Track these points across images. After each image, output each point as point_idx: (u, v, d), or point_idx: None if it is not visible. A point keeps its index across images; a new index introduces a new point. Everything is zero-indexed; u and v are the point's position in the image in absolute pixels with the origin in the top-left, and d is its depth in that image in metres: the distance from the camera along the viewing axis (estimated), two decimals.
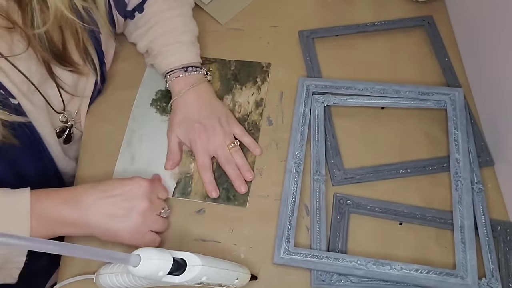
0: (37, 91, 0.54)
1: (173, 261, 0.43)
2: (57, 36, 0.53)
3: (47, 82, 0.56)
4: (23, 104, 0.52)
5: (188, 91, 0.64)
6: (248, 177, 0.62)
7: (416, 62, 0.71)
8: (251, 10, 0.77)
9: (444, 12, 0.76)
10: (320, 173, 0.61)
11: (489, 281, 0.55)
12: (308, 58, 0.71)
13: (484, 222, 0.58)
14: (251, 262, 0.57)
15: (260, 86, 0.69)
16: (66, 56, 0.55)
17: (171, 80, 0.65)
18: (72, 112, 0.64)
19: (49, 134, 0.59)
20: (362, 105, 0.66)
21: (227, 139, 0.63)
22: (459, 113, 0.64)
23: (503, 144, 0.61)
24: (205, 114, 0.63)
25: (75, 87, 0.61)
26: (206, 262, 0.46)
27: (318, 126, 0.64)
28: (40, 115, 0.56)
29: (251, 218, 0.60)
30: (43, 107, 0.57)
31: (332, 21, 0.74)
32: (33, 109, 0.54)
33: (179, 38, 0.65)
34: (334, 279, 0.55)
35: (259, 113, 0.67)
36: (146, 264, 0.40)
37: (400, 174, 0.62)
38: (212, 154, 0.63)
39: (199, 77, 0.65)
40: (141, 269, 0.40)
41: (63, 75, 0.57)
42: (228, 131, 0.63)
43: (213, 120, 0.63)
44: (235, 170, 0.62)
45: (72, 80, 0.59)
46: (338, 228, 0.59)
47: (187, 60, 0.65)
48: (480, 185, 0.60)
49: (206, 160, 0.62)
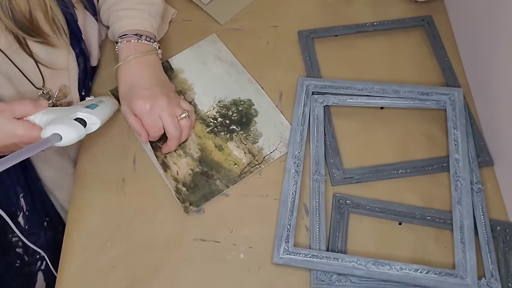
0: (9, 65, 0.54)
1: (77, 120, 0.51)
2: (23, 4, 0.52)
3: (20, 55, 0.55)
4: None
5: (136, 58, 0.61)
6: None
7: (415, 62, 0.71)
8: (250, 10, 0.77)
9: (444, 12, 0.76)
10: (319, 173, 0.61)
11: (488, 281, 0.55)
12: (307, 58, 0.71)
13: (484, 222, 0.58)
14: (251, 262, 0.57)
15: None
16: (33, 25, 0.54)
17: (120, 43, 0.63)
18: (54, 90, 0.63)
19: None
20: (362, 105, 0.66)
21: (177, 109, 0.61)
22: (459, 113, 0.64)
23: (502, 144, 0.61)
24: (153, 84, 0.60)
25: (52, 60, 0.60)
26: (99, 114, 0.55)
27: (317, 126, 0.64)
28: (8, 91, 0.55)
29: (251, 218, 0.60)
30: (14, 83, 0.56)
31: (331, 21, 0.74)
32: (2, 83, 0.54)
33: (136, 6, 0.64)
34: (334, 279, 0.55)
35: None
36: (66, 135, 0.49)
37: (399, 174, 0.62)
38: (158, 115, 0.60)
39: (150, 48, 0.63)
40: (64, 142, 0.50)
41: (35, 47, 0.56)
42: (176, 103, 0.61)
43: (161, 91, 0.60)
44: (178, 131, 0.60)
45: (45, 52, 0.58)
46: (338, 228, 0.59)
47: (140, 27, 0.63)
48: (480, 185, 0.60)
49: (157, 121, 0.59)
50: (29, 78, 0.58)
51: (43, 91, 0.61)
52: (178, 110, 0.61)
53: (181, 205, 0.61)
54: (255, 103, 0.66)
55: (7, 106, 0.51)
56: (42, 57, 0.58)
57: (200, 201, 0.61)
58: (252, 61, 0.71)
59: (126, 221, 0.60)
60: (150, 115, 0.59)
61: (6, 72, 0.53)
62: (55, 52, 0.60)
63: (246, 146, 0.64)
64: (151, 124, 0.59)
